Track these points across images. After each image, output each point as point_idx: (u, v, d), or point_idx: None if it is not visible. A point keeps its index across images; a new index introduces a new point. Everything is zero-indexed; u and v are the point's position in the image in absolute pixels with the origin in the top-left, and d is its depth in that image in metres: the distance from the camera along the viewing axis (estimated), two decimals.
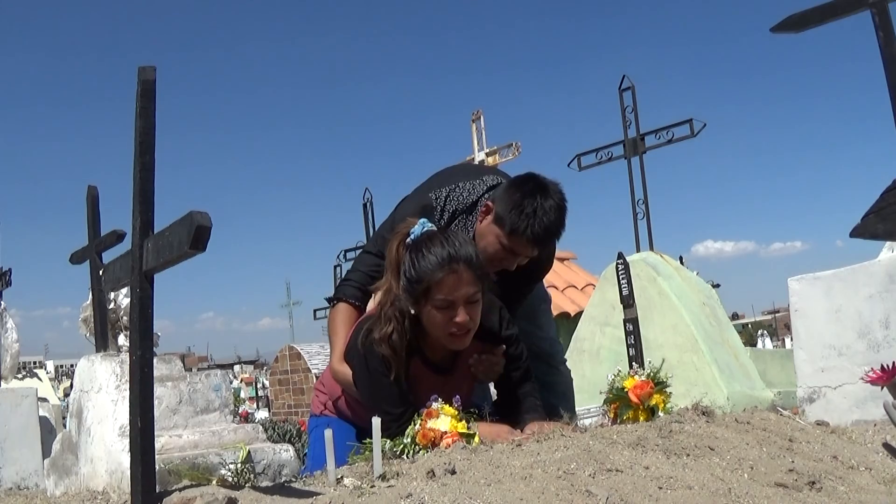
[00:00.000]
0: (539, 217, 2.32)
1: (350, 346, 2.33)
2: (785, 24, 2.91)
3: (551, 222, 2.36)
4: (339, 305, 2.49)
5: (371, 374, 2.21)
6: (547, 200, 2.35)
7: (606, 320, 5.01)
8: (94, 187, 3.46)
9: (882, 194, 2.16)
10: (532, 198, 2.34)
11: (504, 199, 2.38)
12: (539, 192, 2.37)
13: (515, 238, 2.36)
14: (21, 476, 4.04)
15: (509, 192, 2.39)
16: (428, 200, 2.53)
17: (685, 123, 5.96)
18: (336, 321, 2.47)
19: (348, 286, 2.53)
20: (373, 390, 2.23)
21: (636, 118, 6.03)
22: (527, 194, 2.35)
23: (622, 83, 6.07)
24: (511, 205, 2.34)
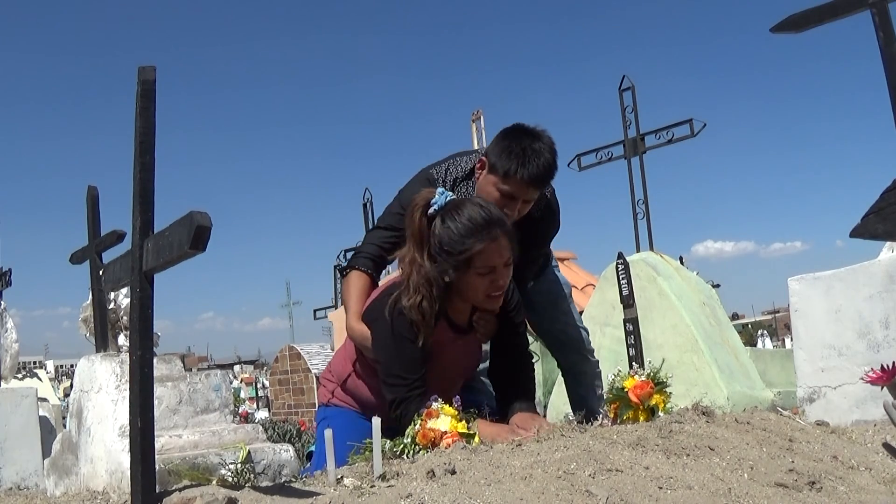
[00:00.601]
0: (530, 156, 2.39)
1: (371, 309, 2.39)
2: (785, 24, 2.91)
3: (544, 160, 2.42)
4: (352, 273, 2.57)
5: (395, 337, 2.25)
6: (535, 142, 2.43)
7: (606, 320, 5.01)
8: (94, 187, 3.47)
9: (882, 194, 2.16)
10: (520, 140, 2.42)
11: (495, 148, 2.46)
12: (526, 135, 2.45)
13: (511, 181, 2.41)
14: (21, 476, 4.03)
15: (498, 140, 2.48)
16: (430, 175, 2.61)
17: (685, 123, 5.97)
18: (350, 287, 2.54)
19: (361, 257, 2.60)
20: (395, 353, 2.26)
21: (636, 118, 6.04)
22: (515, 138, 2.44)
23: (622, 83, 6.08)
24: (501, 150, 2.42)
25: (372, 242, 2.62)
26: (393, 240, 2.56)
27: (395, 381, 2.24)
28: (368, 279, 2.57)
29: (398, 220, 2.53)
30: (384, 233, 2.60)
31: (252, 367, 32.57)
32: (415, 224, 2.24)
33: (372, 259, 2.59)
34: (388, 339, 2.28)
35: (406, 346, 2.24)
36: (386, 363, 2.30)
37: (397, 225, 2.53)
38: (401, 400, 2.21)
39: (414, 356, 2.24)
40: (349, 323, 2.47)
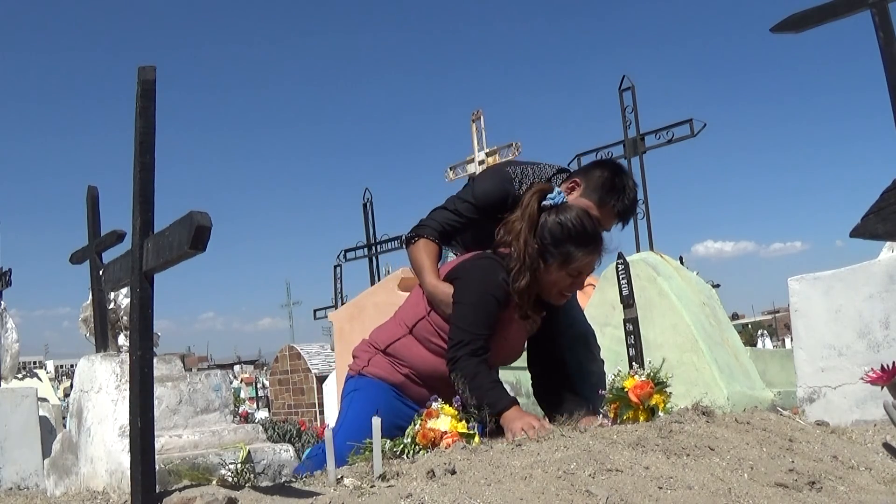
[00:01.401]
0: (626, 193, 2.61)
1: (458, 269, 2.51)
2: (785, 24, 2.91)
3: (633, 199, 2.65)
4: (420, 240, 2.66)
5: (484, 295, 2.40)
6: (629, 179, 2.66)
7: (606, 320, 5.00)
8: (94, 187, 3.47)
9: (882, 194, 2.16)
10: (619, 176, 2.64)
11: (592, 177, 2.63)
12: (623, 172, 2.68)
13: (605, 210, 2.59)
14: (21, 476, 4.03)
15: (597, 171, 2.65)
16: (507, 173, 2.70)
17: (685, 123, 5.97)
18: (420, 252, 2.64)
19: (427, 227, 2.69)
20: (480, 306, 2.40)
21: (636, 118, 6.04)
22: (615, 173, 2.64)
23: (622, 83, 6.08)
24: (601, 181, 2.60)
25: (436, 220, 2.70)
26: (456, 224, 2.68)
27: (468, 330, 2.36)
28: (437, 247, 2.66)
29: (466, 209, 2.65)
30: (451, 215, 2.68)
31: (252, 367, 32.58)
32: (530, 208, 2.42)
33: (437, 231, 2.68)
34: (476, 290, 2.41)
35: (491, 302, 2.39)
36: (464, 312, 2.40)
37: (464, 213, 2.66)
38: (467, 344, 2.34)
39: (493, 313, 2.40)
40: (429, 280, 2.55)
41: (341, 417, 2.60)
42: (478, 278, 2.44)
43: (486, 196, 2.64)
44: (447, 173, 10.15)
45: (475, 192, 2.68)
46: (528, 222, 2.40)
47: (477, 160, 9.70)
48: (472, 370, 2.31)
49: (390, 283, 8.11)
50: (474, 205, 2.66)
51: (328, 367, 12.92)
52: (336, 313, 9.62)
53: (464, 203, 2.67)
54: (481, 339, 2.36)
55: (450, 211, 2.69)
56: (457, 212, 2.67)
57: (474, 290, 2.42)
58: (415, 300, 2.63)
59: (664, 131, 6.02)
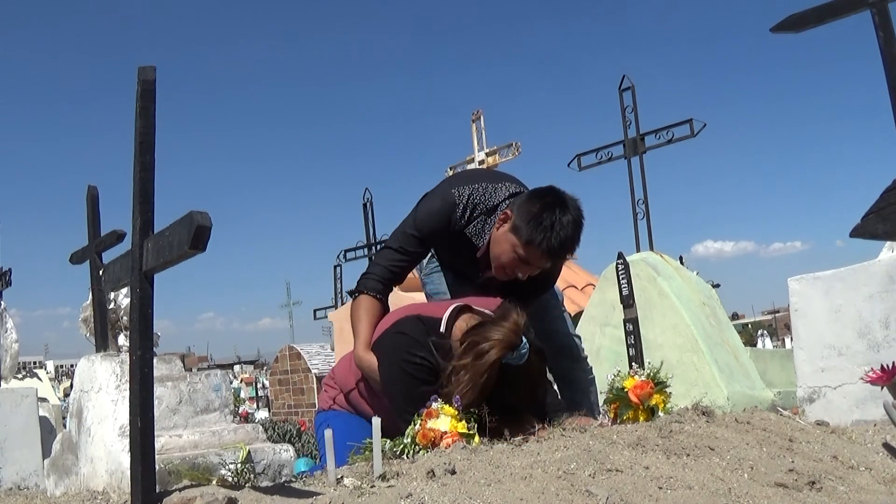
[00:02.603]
0: (556, 231, 2.36)
1: (381, 344, 2.35)
2: (785, 24, 2.91)
3: (567, 237, 2.39)
4: (361, 297, 2.53)
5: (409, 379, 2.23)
6: (565, 215, 2.39)
7: (606, 320, 5.00)
8: (94, 187, 3.46)
9: (882, 194, 2.16)
10: (551, 211, 2.38)
11: (523, 210, 2.41)
12: (558, 206, 2.40)
13: (531, 249, 2.39)
14: (21, 476, 4.03)
15: (528, 204, 2.42)
16: (451, 197, 2.54)
17: (685, 123, 5.96)
18: (360, 311, 2.50)
19: (370, 279, 2.56)
20: (407, 394, 2.22)
21: (636, 118, 6.03)
22: (546, 207, 2.39)
23: (622, 83, 6.08)
24: (530, 216, 2.38)
25: (381, 264, 2.57)
26: (404, 263, 2.54)
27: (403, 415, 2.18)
28: (378, 304, 2.52)
29: (410, 243, 2.52)
30: (396, 255, 2.56)
31: (252, 367, 32.57)
32: (486, 366, 2.11)
33: (381, 282, 2.55)
34: (397, 379, 2.26)
35: (415, 384, 2.21)
36: (394, 399, 2.28)
37: (409, 248, 2.53)
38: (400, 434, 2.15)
39: (422, 393, 2.17)
40: (357, 352, 2.43)
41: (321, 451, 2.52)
42: (394, 362, 2.27)
43: (426, 223, 2.51)
44: (447, 173, 10.16)
45: (416, 219, 2.55)
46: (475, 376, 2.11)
47: (477, 160, 9.71)
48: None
49: None
50: (417, 237, 2.53)
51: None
52: (336, 313, 9.63)
53: (408, 237, 2.54)
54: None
55: (394, 250, 2.57)
56: (402, 250, 2.54)
57: (395, 377, 2.26)
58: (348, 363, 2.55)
59: (664, 131, 6.01)
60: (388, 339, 2.34)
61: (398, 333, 2.31)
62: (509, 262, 2.43)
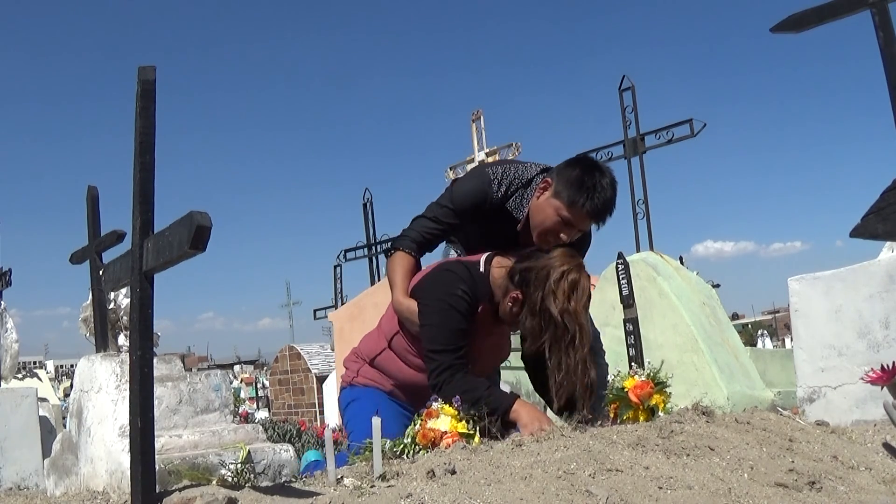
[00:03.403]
0: (598, 192, 2.49)
1: (420, 286, 2.50)
2: (785, 24, 2.91)
3: (608, 198, 2.52)
4: (396, 253, 2.67)
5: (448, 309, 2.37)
6: (604, 178, 2.52)
7: (606, 320, 5.00)
8: (94, 187, 3.47)
9: (882, 194, 2.16)
10: (591, 174, 2.51)
11: (563, 176, 2.53)
12: (596, 170, 2.54)
13: (575, 210, 2.49)
14: (21, 476, 4.03)
15: (567, 170, 2.55)
16: (486, 175, 2.65)
17: (685, 123, 5.98)
18: (396, 265, 2.65)
19: (405, 240, 2.70)
20: (444, 323, 2.38)
21: (636, 118, 6.04)
22: (585, 170, 2.52)
23: (622, 83, 6.08)
24: (571, 180, 2.50)
25: (415, 230, 2.71)
26: (436, 231, 2.66)
27: (440, 350, 2.34)
28: (413, 260, 2.66)
29: (444, 214, 2.64)
30: (429, 223, 2.68)
31: (252, 367, 32.58)
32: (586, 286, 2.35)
33: (415, 243, 2.68)
34: (438, 307, 2.39)
35: (455, 317, 2.36)
36: (431, 334, 2.39)
37: (443, 219, 2.64)
38: (446, 366, 2.32)
39: (460, 328, 2.36)
40: (396, 297, 2.55)
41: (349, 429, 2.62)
42: (437, 296, 2.41)
43: (464, 199, 2.61)
44: (447, 173, 10.16)
45: (453, 195, 2.66)
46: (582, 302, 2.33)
47: (477, 160, 9.70)
48: (461, 387, 2.27)
49: None
50: (452, 209, 2.63)
51: (328, 367, 12.93)
52: (336, 313, 9.62)
53: (442, 209, 2.65)
54: (457, 357, 2.34)
55: (429, 219, 2.67)
56: (435, 219, 2.65)
57: (435, 309, 2.39)
58: (391, 312, 2.63)
59: (664, 131, 6.02)
60: (431, 276, 2.50)
61: (442, 271, 2.48)
62: (553, 227, 2.51)
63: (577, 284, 2.32)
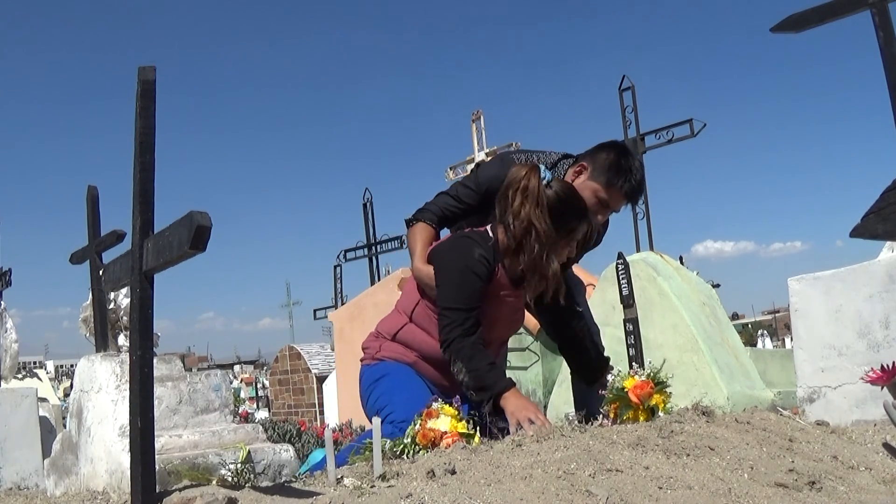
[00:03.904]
0: (633, 174, 2.62)
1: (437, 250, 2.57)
2: (785, 24, 2.91)
3: (641, 178, 2.68)
4: (417, 224, 2.75)
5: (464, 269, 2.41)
6: (635, 161, 2.67)
7: (606, 320, 5.00)
8: (94, 187, 3.47)
9: (882, 194, 2.16)
10: (625, 158, 2.65)
11: (598, 159, 2.65)
12: (629, 154, 2.69)
13: (612, 191, 2.62)
14: (21, 476, 4.03)
15: (603, 153, 2.67)
16: (510, 159, 2.74)
17: (685, 123, 5.98)
18: (415, 234, 2.73)
19: (427, 212, 2.77)
20: (459, 283, 2.42)
21: (636, 118, 6.04)
22: (620, 154, 2.66)
23: (622, 83, 6.09)
24: (608, 163, 2.63)
25: (437, 204, 2.78)
26: (456, 209, 2.74)
27: (454, 308, 2.38)
28: (433, 231, 2.73)
29: (467, 195, 2.72)
30: (451, 200, 2.75)
31: (252, 367, 32.61)
32: (535, 186, 2.40)
33: (435, 215, 2.75)
34: (455, 268, 2.44)
35: (471, 278, 2.40)
36: (446, 292, 2.43)
37: (464, 198, 2.72)
38: (458, 324, 2.36)
39: (476, 289, 2.40)
40: (415, 264, 2.62)
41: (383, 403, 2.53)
42: (454, 257, 2.46)
43: (489, 182, 2.66)
44: (447, 173, 10.17)
45: (479, 177, 2.75)
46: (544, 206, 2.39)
47: (477, 160, 9.71)
48: (468, 352, 2.33)
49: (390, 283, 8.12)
50: (475, 191, 2.71)
51: (328, 367, 12.93)
52: (336, 313, 9.64)
53: (465, 189, 2.73)
54: (471, 316, 2.38)
55: (451, 196, 2.76)
56: (457, 197, 2.73)
57: (453, 269, 2.44)
58: (410, 287, 2.68)
59: (664, 131, 6.02)
60: (448, 242, 2.58)
61: (460, 237, 2.56)
62: (591, 208, 2.59)
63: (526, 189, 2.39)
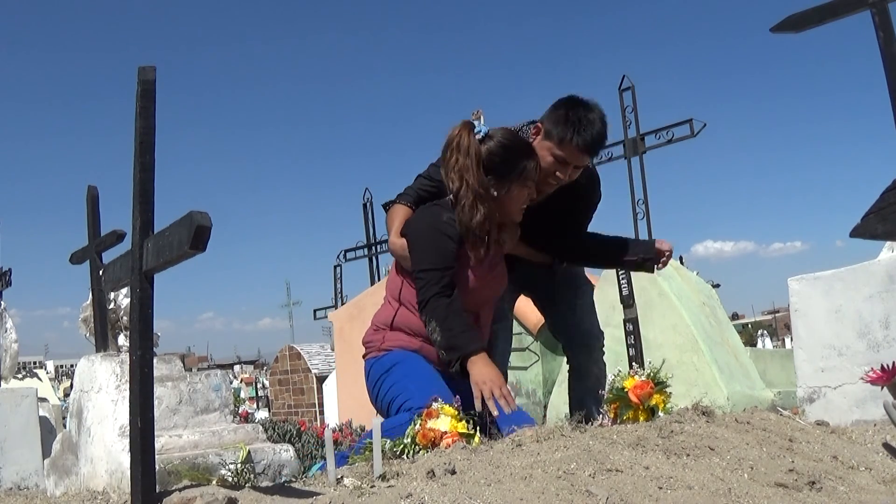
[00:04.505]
0: (584, 125, 2.56)
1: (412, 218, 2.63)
2: (785, 24, 2.91)
3: (596, 131, 2.60)
4: (396, 205, 2.79)
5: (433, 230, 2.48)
6: (590, 112, 2.60)
7: (606, 320, 5.00)
8: (94, 187, 3.47)
9: (882, 194, 2.16)
10: (576, 110, 2.59)
11: (551, 117, 2.63)
12: (581, 106, 2.62)
13: (566, 147, 2.57)
14: (21, 476, 4.03)
15: (554, 110, 2.64)
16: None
17: (685, 123, 5.96)
18: (392, 214, 2.78)
19: (404, 195, 2.81)
20: (429, 244, 2.48)
21: (636, 118, 6.03)
22: (570, 107, 2.61)
23: (622, 83, 6.07)
24: (558, 119, 2.59)
25: (413, 188, 2.82)
26: (431, 188, 2.76)
27: (428, 268, 2.43)
28: (410, 211, 2.77)
29: (436, 172, 2.73)
30: (425, 181, 2.79)
31: (252, 367, 32.58)
32: (468, 143, 2.45)
33: (413, 198, 2.79)
34: (425, 232, 2.50)
35: (442, 239, 2.45)
36: (419, 256, 2.48)
37: (435, 176, 2.74)
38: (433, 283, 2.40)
39: (447, 249, 2.44)
40: (391, 239, 2.67)
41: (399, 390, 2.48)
42: (424, 224, 2.53)
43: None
44: None
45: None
46: (473, 158, 2.44)
47: None
48: (443, 312, 2.38)
49: None
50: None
51: (328, 367, 12.92)
52: (336, 313, 9.62)
53: (437, 168, 2.75)
54: (445, 276, 2.41)
55: (425, 177, 2.79)
56: (429, 177, 2.76)
57: (423, 234, 2.51)
58: (393, 273, 2.72)
59: (664, 131, 6.00)
60: (418, 212, 2.64)
61: (428, 206, 2.61)
62: (549, 167, 2.59)
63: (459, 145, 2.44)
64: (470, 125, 2.49)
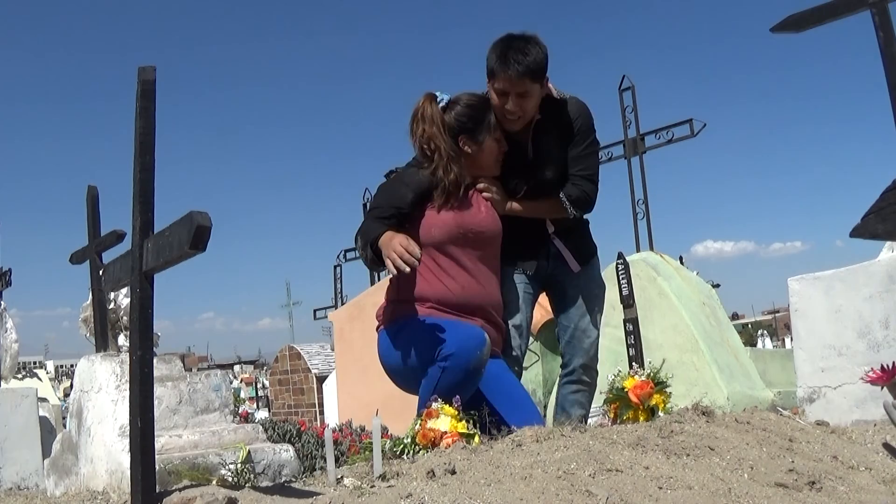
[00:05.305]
0: (509, 53, 2.59)
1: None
2: (785, 24, 2.90)
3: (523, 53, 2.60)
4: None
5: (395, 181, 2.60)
6: (515, 41, 2.62)
7: (606, 320, 4.98)
8: (94, 187, 3.47)
9: (882, 194, 2.16)
10: (502, 41, 2.64)
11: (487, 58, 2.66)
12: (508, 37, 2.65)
13: (498, 78, 2.61)
14: (21, 476, 4.03)
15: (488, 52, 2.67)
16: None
17: (685, 123, 5.97)
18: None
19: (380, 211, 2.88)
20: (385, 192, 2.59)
21: (636, 118, 6.04)
22: (499, 41, 2.66)
23: (622, 83, 6.08)
24: (489, 56, 2.64)
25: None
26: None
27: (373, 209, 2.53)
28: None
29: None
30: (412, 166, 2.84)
31: (252, 367, 32.59)
32: (433, 112, 2.56)
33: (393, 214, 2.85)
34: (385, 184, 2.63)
35: (399, 186, 2.55)
36: (372, 204, 2.60)
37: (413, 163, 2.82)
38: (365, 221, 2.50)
39: (400, 194, 2.52)
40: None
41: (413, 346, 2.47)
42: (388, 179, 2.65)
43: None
44: None
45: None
46: (439, 124, 2.54)
47: None
48: (364, 225, 2.47)
49: None
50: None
51: (328, 367, 12.92)
52: (336, 313, 9.61)
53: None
54: (385, 212, 2.47)
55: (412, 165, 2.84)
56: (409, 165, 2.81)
57: (382, 186, 2.64)
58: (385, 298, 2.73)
59: (664, 131, 6.02)
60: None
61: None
62: (497, 104, 2.63)
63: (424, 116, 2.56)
64: (432, 96, 2.61)
